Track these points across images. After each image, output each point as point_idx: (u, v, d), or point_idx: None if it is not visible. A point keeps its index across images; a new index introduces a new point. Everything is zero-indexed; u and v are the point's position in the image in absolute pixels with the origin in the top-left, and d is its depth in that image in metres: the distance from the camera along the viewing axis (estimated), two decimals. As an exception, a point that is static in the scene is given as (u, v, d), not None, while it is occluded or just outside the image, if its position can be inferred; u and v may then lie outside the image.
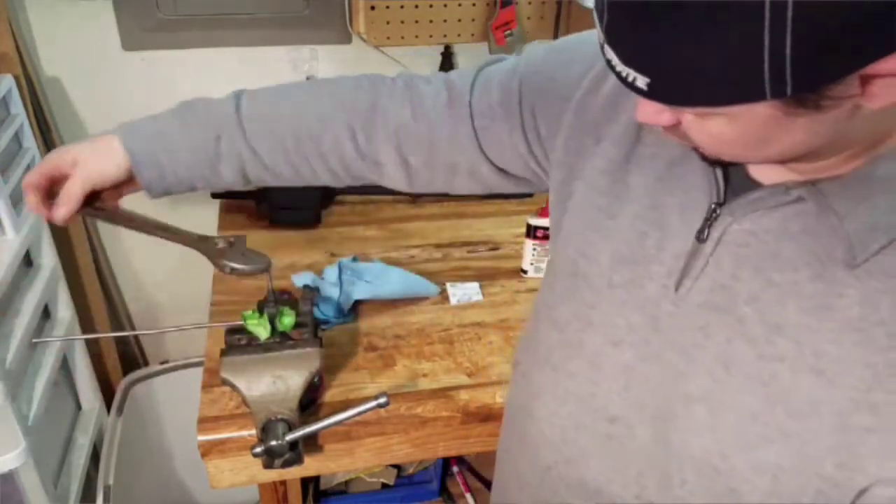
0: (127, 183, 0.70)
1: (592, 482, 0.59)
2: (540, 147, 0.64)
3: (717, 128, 0.41)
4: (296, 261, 1.18)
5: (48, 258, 1.22)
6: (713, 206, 0.51)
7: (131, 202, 0.74)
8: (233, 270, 0.73)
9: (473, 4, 1.28)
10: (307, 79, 1.34)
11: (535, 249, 1.17)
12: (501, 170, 0.69)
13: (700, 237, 0.51)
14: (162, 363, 1.56)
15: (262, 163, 0.70)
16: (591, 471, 0.59)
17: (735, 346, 0.49)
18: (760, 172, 0.50)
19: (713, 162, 0.49)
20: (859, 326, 0.44)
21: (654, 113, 0.44)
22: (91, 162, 0.67)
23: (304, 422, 0.81)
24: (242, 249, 0.75)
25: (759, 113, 0.38)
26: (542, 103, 0.63)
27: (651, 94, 0.38)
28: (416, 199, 1.39)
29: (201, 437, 0.86)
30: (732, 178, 0.51)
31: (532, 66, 0.64)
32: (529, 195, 1.41)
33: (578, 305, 0.60)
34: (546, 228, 1.14)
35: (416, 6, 1.25)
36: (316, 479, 1.41)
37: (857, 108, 0.38)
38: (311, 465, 0.88)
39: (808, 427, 0.46)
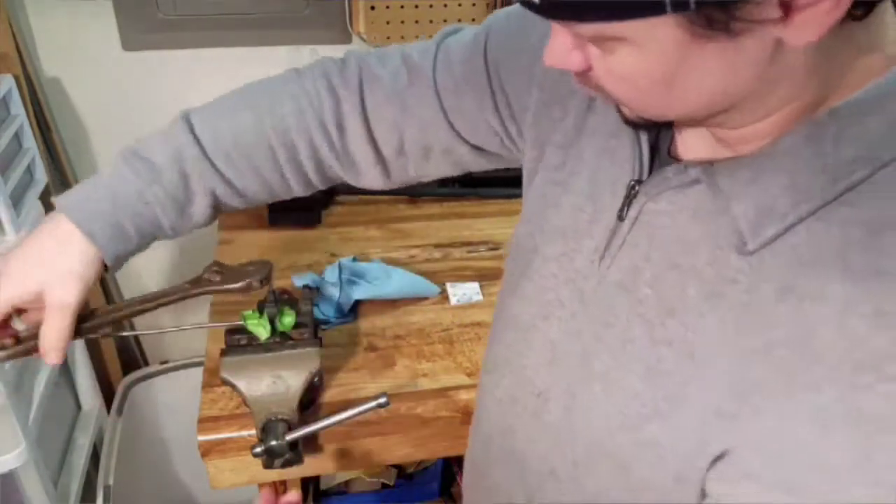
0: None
1: (520, 454, 0.60)
2: (513, 123, 0.62)
3: (624, 63, 0.38)
4: (296, 261, 1.18)
5: (48, 258, 1.22)
6: (632, 182, 0.50)
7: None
8: (243, 289, 0.71)
9: (473, 4, 1.28)
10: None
11: (535, 249, 1.16)
12: (477, 147, 0.66)
13: (620, 215, 0.51)
14: (162, 363, 1.56)
15: (235, 190, 0.64)
16: (518, 443, 0.60)
17: (633, 326, 0.49)
18: (686, 146, 0.49)
19: (637, 125, 0.46)
20: (740, 316, 0.42)
21: (562, 53, 0.41)
22: (59, 289, 0.57)
23: (304, 422, 0.81)
24: (236, 268, 0.73)
25: (665, 37, 0.35)
26: (509, 77, 0.60)
27: (542, 8, 0.36)
28: (415, 199, 1.39)
29: (201, 437, 0.86)
30: (661, 153, 0.50)
31: (495, 37, 0.61)
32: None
33: (518, 279, 0.60)
34: (546, 228, 1.14)
35: (416, 6, 1.25)
36: (316, 479, 1.41)
37: (780, 46, 0.35)
38: (311, 465, 0.88)
39: (681, 411, 0.45)
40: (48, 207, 1.23)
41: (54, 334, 0.57)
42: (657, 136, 0.51)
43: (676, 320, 0.46)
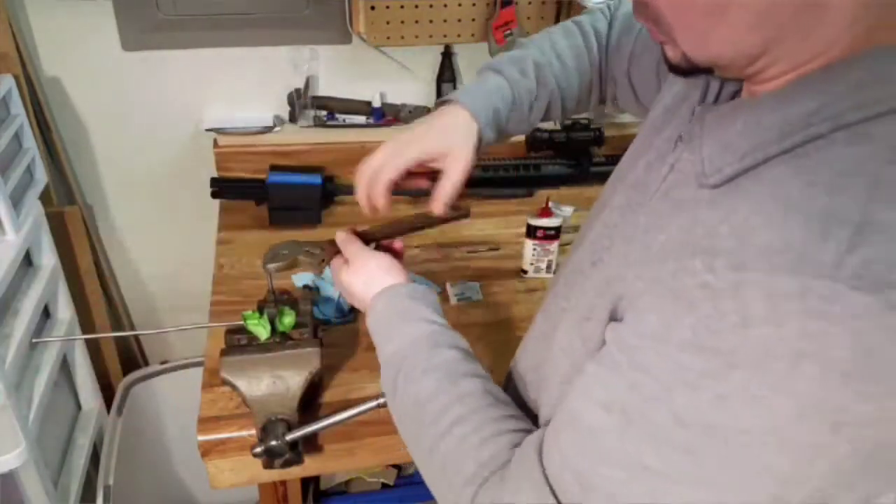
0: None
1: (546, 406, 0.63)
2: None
3: None
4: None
5: (48, 258, 1.22)
6: (681, 134, 0.53)
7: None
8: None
9: (473, 4, 1.28)
10: (307, 78, 1.34)
11: (535, 249, 1.16)
12: (643, 105, 0.75)
13: (671, 165, 0.54)
14: (162, 363, 1.56)
15: (563, 100, 0.78)
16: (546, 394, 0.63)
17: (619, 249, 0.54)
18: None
19: (680, 70, 0.48)
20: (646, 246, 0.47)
21: None
22: (460, 151, 0.71)
23: (304, 422, 0.81)
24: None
25: None
26: None
27: None
28: (415, 198, 1.39)
29: (201, 437, 0.86)
30: None
31: None
32: (530, 195, 1.41)
33: (584, 230, 0.66)
34: (546, 228, 1.14)
35: (416, 6, 1.25)
36: (316, 479, 1.41)
37: None
38: (311, 465, 0.88)
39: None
40: (48, 207, 1.24)
41: (450, 186, 0.72)
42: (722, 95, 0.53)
43: (641, 243, 0.50)
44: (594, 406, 0.45)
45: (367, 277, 0.74)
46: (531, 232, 1.15)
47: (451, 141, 0.71)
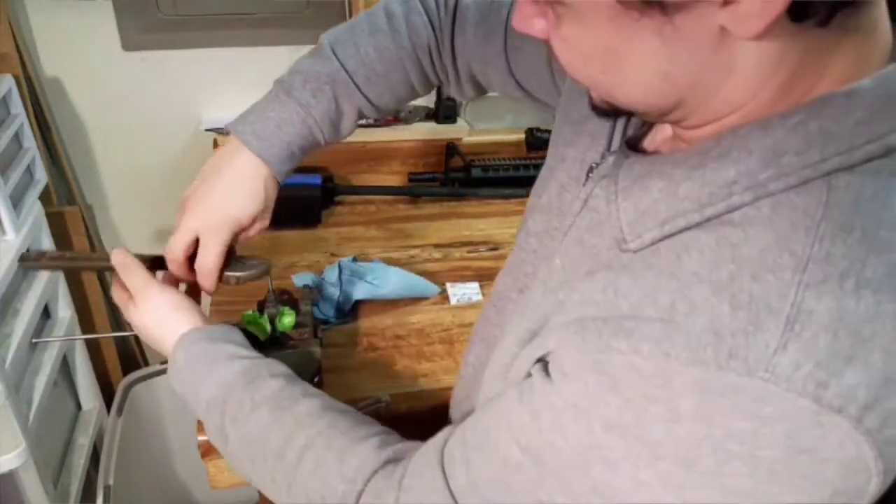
0: None
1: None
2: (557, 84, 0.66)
3: (569, 33, 0.39)
4: (296, 261, 1.18)
5: (48, 258, 1.22)
6: (592, 166, 0.52)
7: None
8: (237, 280, 0.72)
9: (473, 4, 1.28)
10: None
11: (535, 249, 1.16)
12: (526, 91, 0.71)
13: (578, 196, 0.52)
14: (162, 363, 1.56)
15: (374, 105, 0.73)
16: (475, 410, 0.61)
17: (537, 292, 0.50)
18: (653, 140, 0.50)
19: (601, 111, 0.46)
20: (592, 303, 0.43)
21: (526, 18, 0.42)
22: (248, 207, 0.68)
23: (304, 422, 0.81)
24: (235, 257, 0.74)
25: (598, 6, 0.35)
26: None
27: None
28: (415, 198, 1.39)
29: (201, 437, 0.85)
30: (632, 145, 0.51)
31: None
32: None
33: (511, 254, 0.63)
34: (546, 228, 1.14)
35: (416, 6, 1.25)
36: (316, 479, 1.41)
37: (726, 36, 0.34)
38: (311, 465, 0.88)
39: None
40: (48, 207, 1.24)
41: (212, 259, 0.68)
42: (631, 122, 0.52)
43: (563, 291, 0.46)
44: (511, 441, 0.43)
45: (157, 319, 0.67)
46: (531, 232, 1.15)
47: (233, 203, 0.67)
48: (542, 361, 0.44)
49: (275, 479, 0.56)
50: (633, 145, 0.51)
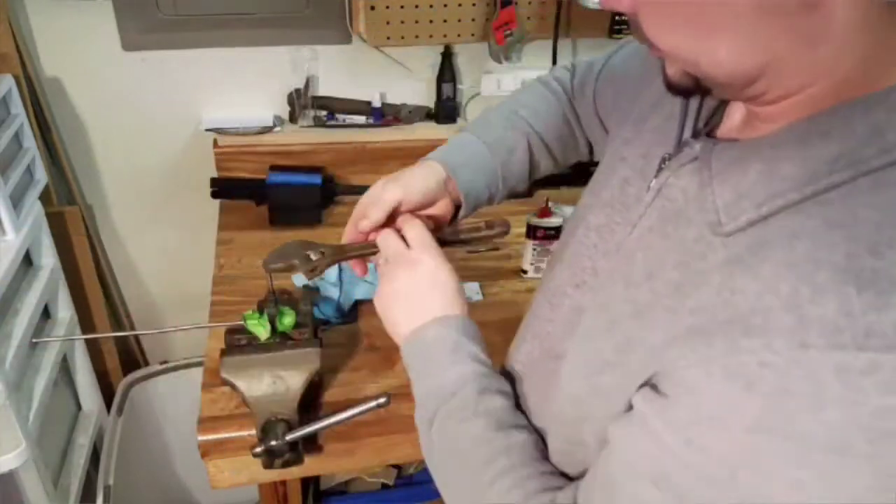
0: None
1: (532, 419, 0.61)
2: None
3: None
4: (296, 261, 1.18)
5: (48, 258, 1.22)
6: (665, 156, 0.52)
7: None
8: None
9: (473, 4, 1.28)
10: (307, 78, 1.34)
11: (535, 249, 1.16)
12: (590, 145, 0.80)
13: (648, 187, 0.52)
14: (162, 363, 1.56)
15: (554, 161, 0.81)
16: (529, 407, 0.61)
17: (618, 289, 0.50)
18: (726, 127, 0.50)
19: (678, 89, 0.46)
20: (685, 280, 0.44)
21: None
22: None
23: (304, 422, 0.81)
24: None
25: None
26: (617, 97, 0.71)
27: None
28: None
29: (201, 437, 0.86)
30: (706, 132, 0.51)
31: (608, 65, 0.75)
32: (530, 195, 1.41)
33: (562, 247, 0.63)
34: (546, 228, 1.14)
35: (416, 6, 1.25)
36: (316, 479, 1.41)
37: (817, 2, 0.35)
38: (311, 465, 0.88)
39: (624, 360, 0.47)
40: (48, 207, 1.24)
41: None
42: (702, 114, 0.52)
43: (649, 285, 0.47)
44: (639, 480, 0.43)
45: (426, 288, 0.66)
46: (531, 232, 1.15)
47: (427, 183, 0.71)
48: (648, 385, 0.44)
49: (460, 483, 0.59)
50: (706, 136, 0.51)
